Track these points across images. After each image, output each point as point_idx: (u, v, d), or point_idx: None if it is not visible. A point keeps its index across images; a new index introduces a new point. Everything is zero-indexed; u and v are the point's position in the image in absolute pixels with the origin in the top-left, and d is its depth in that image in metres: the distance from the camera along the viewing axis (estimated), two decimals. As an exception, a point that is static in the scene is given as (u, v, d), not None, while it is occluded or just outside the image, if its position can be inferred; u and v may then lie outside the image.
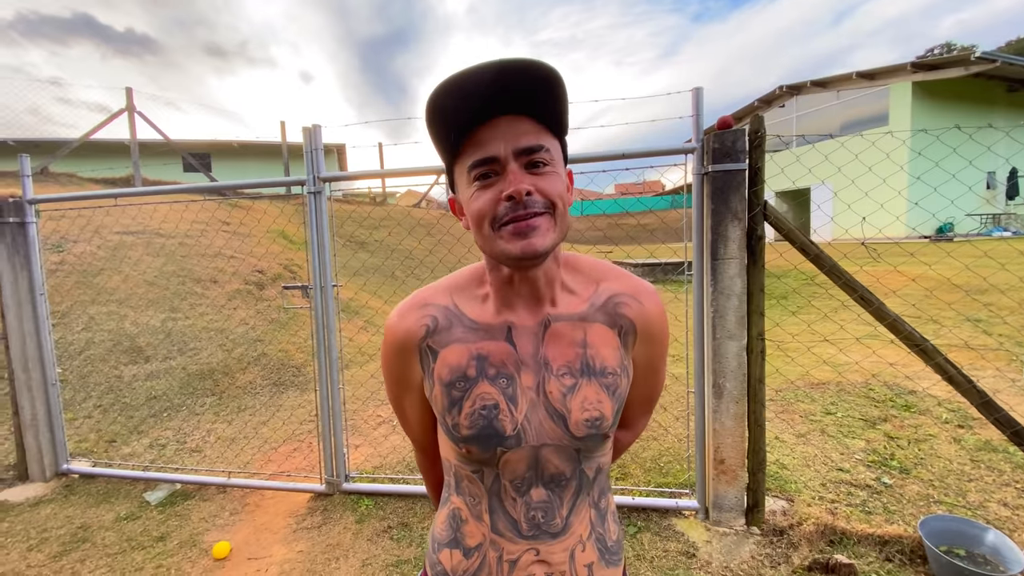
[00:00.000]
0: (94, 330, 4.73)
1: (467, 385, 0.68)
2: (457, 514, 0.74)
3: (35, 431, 3.05)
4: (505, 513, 0.70)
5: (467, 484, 0.72)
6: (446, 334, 0.70)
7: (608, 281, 0.74)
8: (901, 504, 2.34)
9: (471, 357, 0.68)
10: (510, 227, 0.60)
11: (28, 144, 13.53)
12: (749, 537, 2.24)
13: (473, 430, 0.67)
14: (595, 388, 0.68)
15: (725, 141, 2.18)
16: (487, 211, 0.61)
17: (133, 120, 8.47)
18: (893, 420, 3.22)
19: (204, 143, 17.27)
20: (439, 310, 0.71)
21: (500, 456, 0.68)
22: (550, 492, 0.69)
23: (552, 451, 0.68)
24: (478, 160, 0.61)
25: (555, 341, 0.69)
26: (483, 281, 0.72)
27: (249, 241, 7.04)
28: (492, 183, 0.61)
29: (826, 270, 2.15)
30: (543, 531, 0.69)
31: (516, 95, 0.59)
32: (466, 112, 0.59)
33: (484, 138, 0.61)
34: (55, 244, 5.62)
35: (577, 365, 0.68)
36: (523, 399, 0.68)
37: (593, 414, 0.68)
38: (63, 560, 2.32)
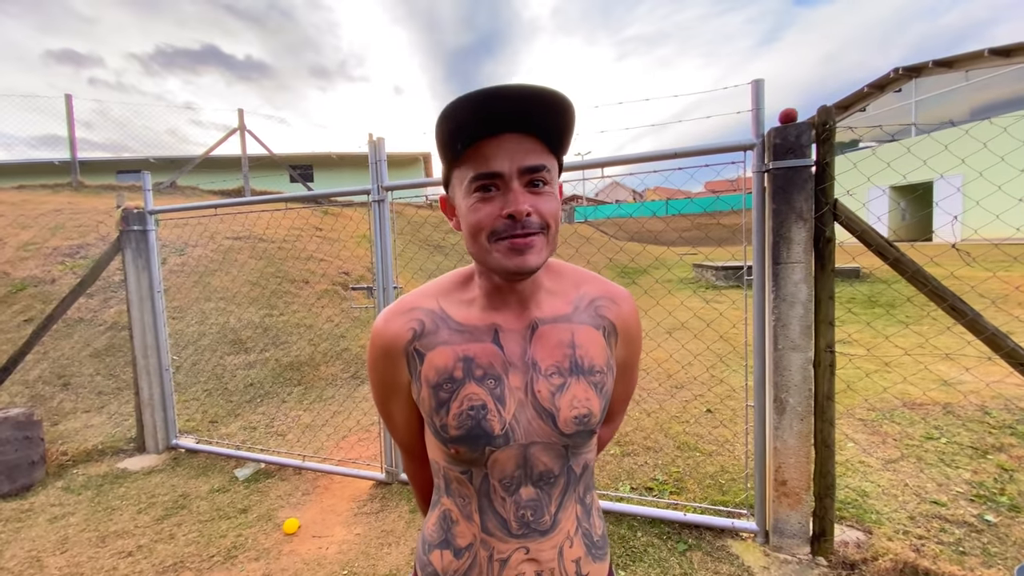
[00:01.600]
0: (205, 324, 5.37)
1: (454, 387, 0.70)
2: (448, 515, 0.76)
3: (151, 410, 3.54)
4: (495, 513, 0.71)
5: (456, 485, 0.74)
6: (432, 337, 0.72)
7: (587, 285, 0.77)
8: (1004, 546, 2.01)
9: (457, 359, 0.70)
10: (507, 243, 0.63)
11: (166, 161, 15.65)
12: (814, 567, 2.05)
13: (461, 430, 0.69)
14: (584, 386, 0.71)
15: (788, 136, 2.02)
16: (486, 225, 0.64)
17: (243, 138, 9.51)
18: (1010, 450, 2.77)
19: (306, 155, 18.94)
20: (425, 314, 0.73)
21: (489, 456, 0.69)
22: (539, 490, 0.71)
23: (541, 449, 0.70)
24: (482, 173, 0.63)
25: (542, 342, 0.71)
26: (469, 285, 0.75)
27: (337, 245, 7.61)
28: (492, 197, 0.64)
29: (908, 276, 1.92)
30: (532, 529, 0.71)
31: (523, 114, 0.62)
32: (476, 123, 0.62)
33: (489, 152, 0.63)
34: (178, 248, 6.45)
35: (566, 364, 0.71)
36: (511, 399, 0.70)
37: (582, 411, 0.70)
38: (164, 523, 2.66)
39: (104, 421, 3.93)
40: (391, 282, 2.84)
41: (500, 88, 0.58)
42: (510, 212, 0.62)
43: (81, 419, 3.93)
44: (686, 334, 4.73)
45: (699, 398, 3.98)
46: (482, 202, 0.64)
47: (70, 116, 9.07)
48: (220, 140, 9.67)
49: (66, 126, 9.14)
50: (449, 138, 0.64)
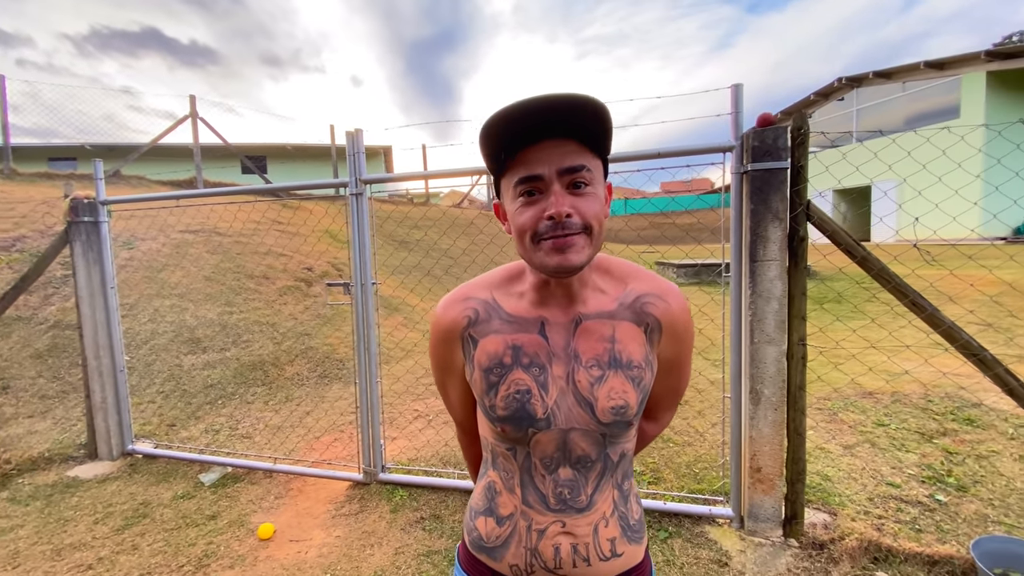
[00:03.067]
0: (158, 321, 5.08)
1: (503, 371, 0.75)
2: (492, 486, 0.82)
3: (104, 413, 3.32)
4: (535, 488, 0.77)
5: (502, 460, 0.80)
6: (485, 325, 0.78)
7: (636, 282, 0.80)
8: (955, 523, 2.19)
9: (507, 347, 0.76)
10: (549, 242, 0.67)
11: (103, 148, 14.65)
12: (786, 549, 2.16)
13: (508, 411, 0.75)
14: (621, 379, 0.75)
15: (766, 139, 2.11)
16: (529, 226, 0.68)
17: (196, 126, 9.03)
18: (953, 434, 3.01)
19: (260, 146, 18.17)
20: (480, 303, 0.80)
21: (531, 436, 0.75)
22: (576, 472, 0.76)
23: (580, 435, 0.75)
24: (524, 177, 0.67)
25: (585, 336, 0.76)
26: (520, 279, 0.80)
27: (299, 240, 7.36)
28: (536, 200, 0.68)
29: (874, 273, 2.05)
30: (569, 506, 0.76)
31: (562, 121, 0.65)
32: (515, 134, 0.66)
33: (530, 158, 0.67)
34: (126, 241, 6.07)
35: (606, 358, 0.75)
36: (553, 387, 0.75)
37: (619, 402, 0.74)
38: (125, 533, 2.51)
39: (50, 427, 3.66)
40: (369, 278, 2.78)
41: (531, 102, 0.62)
42: (550, 214, 0.66)
43: (24, 425, 3.65)
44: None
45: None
46: (526, 205, 0.68)
47: (2, 98, 8.33)
48: (171, 127, 9.13)
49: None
50: (492, 152, 0.69)
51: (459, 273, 7.51)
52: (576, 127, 0.66)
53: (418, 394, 4.35)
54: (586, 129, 0.67)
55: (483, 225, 10.89)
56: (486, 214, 14.53)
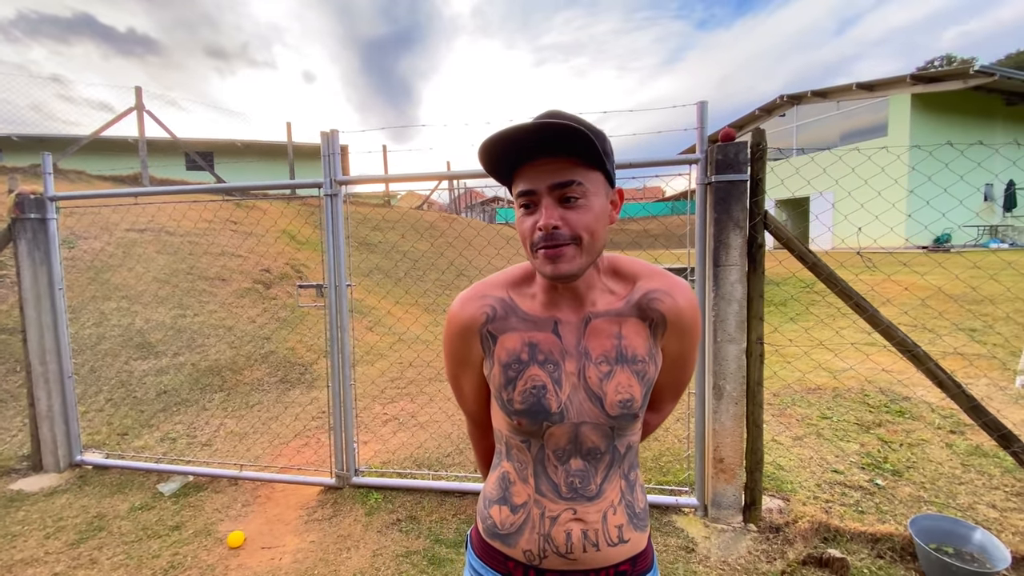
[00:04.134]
0: (105, 326, 4.81)
1: (520, 367, 0.80)
2: (506, 476, 0.86)
3: (50, 422, 3.13)
4: (548, 478, 0.81)
5: (516, 452, 0.84)
6: (503, 322, 0.83)
7: (645, 279, 0.83)
8: (893, 504, 2.42)
9: (524, 344, 0.81)
10: (543, 252, 0.73)
11: (33, 140, 13.62)
12: (746, 534, 2.32)
13: (524, 405, 0.79)
14: (627, 374, 0.80)
15: (728, 153, 2.27)
16: (526, 236, 0.75)
17: (142, 119, 8.56)
18: (887, 425, 3.31)
19: (207, 142, 17.36)
20: (497, 301, 0.84)
21: (546, 429, 0.80)
22: (586, 462, 0.81)
23: (590, 428, 0.80)
24: (521, 191, 0.74)
25: (595, 335, 0.81)
26: (532, 282, 0.85)
27: (254, 240, 7.12)
28: (531, 212, 0.74)
29: (823, 278, 2.24)
30: (580, 495, 0.80)
31: (555, 142, 0.71)
32: (513, 154, 0.73)
33: (525, 174, 0.74)
34: (66, 240, 5.69)
35: (613, 354, 0.80)
36: (567, 383, 0.80)
37: (625, 396, 0.79)
38: (80, 547, 2.39)
39: (-15, 438, 3.40)
40: (344, 280, 2.77)
41: (519, 129, 0.68)
42: (539, 226, 0.72)
43: (-45, 437, 3.37)
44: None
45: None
46: (524, 216, 0.75)
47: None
48: (115, 119, 8.60)
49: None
50: (495, 168, 0.76)
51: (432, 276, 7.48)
52: (566, 148, 0.71)
53: (389, 398, 4.33)
54: (576, 151, 0.71)
55: (444, 228, 10.88)
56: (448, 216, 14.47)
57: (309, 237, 8.52)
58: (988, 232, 13.27)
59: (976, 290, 4.13)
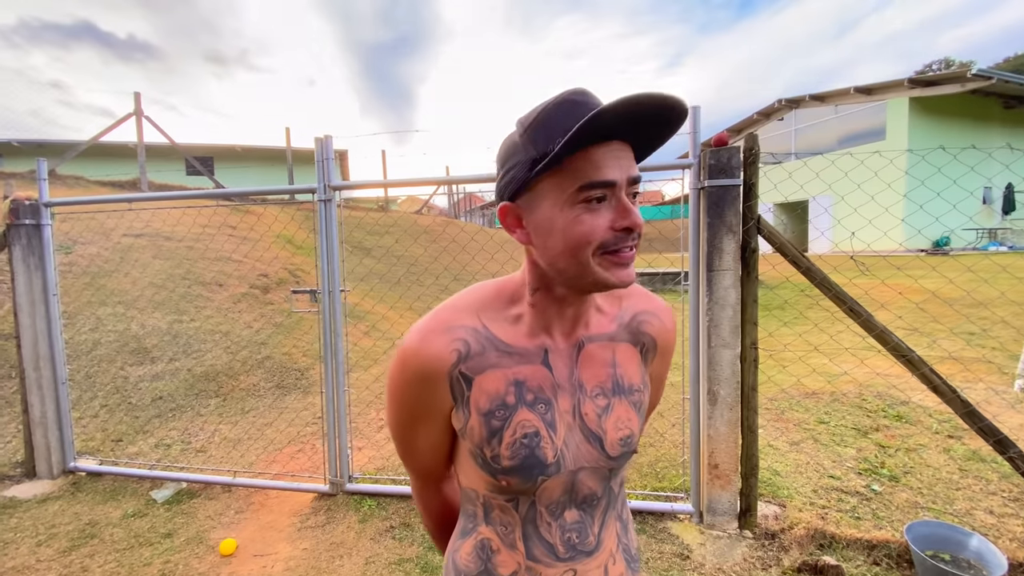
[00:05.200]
0: (101, 331, 4.80)
1: (507, 413, 0.65)
2: (487, 544, 0.71)
3: (44, 429, 3.12)
4: (540, 538, 0.69)
5: (499, 513, 0.70)
6: (480, 359, 0.66)
7: (630, 299, 0.75)
8: (890, 511, 2.41)
9: (509, 383, 0.66)
10: (614, 256, 0.59)
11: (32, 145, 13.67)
12: (742, 540, 2.31)
13: (515, 460, 0.65)
14: (625, 406, 0.70)
15: (721, 158, 2.27)
16: (595, 237, 0.58)
17: (141, 124, 8.59)
18: (884, 430, 3.29)
19: (206, 147, 17.42)
20: (469, 333, 0.66)
21: (540, 484, 0.66)
22: (582, 512, 0.70)
23: (588, 473, 0.69)
24: (596, 182, 0.57)
25: (588, 363, 0.69)
26: (514, 301, 0.69)
27: (250, 244, 7.12)
28: (599, 208, 0.58)
29: (816, 282, 2.24)
30: (579, 551, 0.69)
31: (647, 124, 0.58)
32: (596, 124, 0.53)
33: (600, 158, 0.57)
34: (63, 245, 5.70)
35: (609, 385, 0.70)
36: (561, 424, 0.67)
37: (625, 433, 0.69)
38: (72, 555, 2.38)
39: (-22, 445, 3.39)
40: (338, 285, 2.77)
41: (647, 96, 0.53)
42: (626, 225, 0.58)
43: (-52, 444, 3.36)
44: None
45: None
46: (589, 213, 0.58)
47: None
48: (113, 124, 8.63)
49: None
50: (548, 140, 0.57)
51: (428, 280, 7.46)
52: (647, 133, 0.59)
53: (384, 404, 4.31)
54: (654, 139, 0.61)
55: (441, 231, 10.88)
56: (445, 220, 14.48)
57: (306, 242, 8.51)
58: (987, 235, 13.27)
59: (971, 294, 4.13)
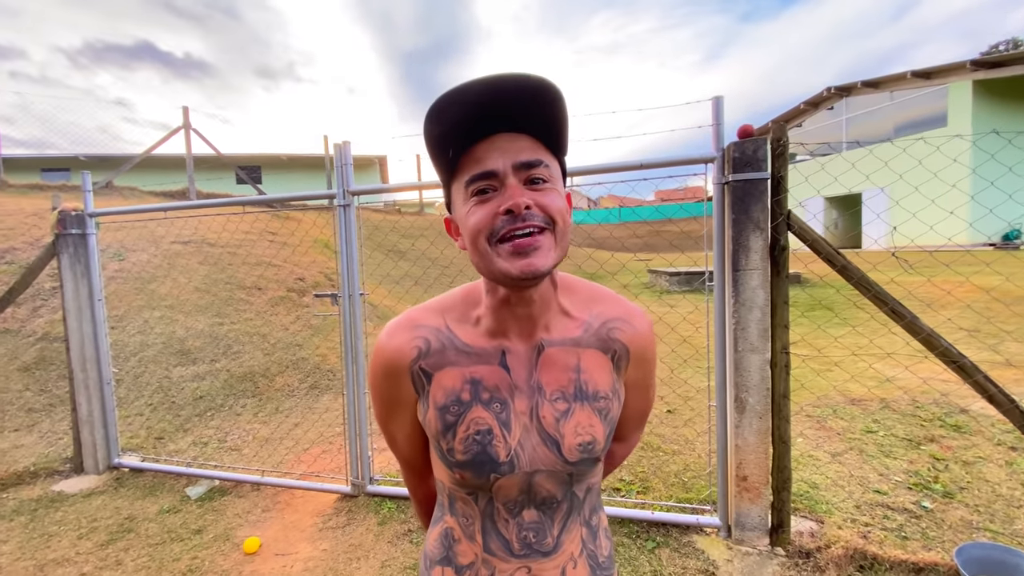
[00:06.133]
0: (148, 333, 5.06)
1: (461, 409, 0.67)
2: (450, 533, 0.75)
3: (90, 427, 3.29)
4: (498, 533, 0.71)
5: (461, 505, 0.73)
6: (439, 356, 0.69)
7: (602, 305, 0.74)
8: (941, 530, 2.20)
9: (465, 381, 0.68)
10: (508, 245, 0.58)
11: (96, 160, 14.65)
12: (773, 558, 2.16)
13: (467, 455, 0.67)
14: (588, 412, 0.69)
15: (746, 150, 2.14)
16: (484, 225, 0.59)
17: (188, 137, 9.05)
18: (940, 440, 3.03)
19: (255, 156, 18.22)
20: (431, 331, 0.70)
21: (493, 482, 0.68)
22: (541, 513, 0.71)
23: (545, 476, 0.69)
24: (477, 174, 0.60)
25: (549, 366, 0.69)
26: (476, 303, 0.71)
27: (289, 250, 7.35)
28: (490, 198, 0.60)
29: (854, 281, 2.07)
30: (535, 550, 0.70)
31: (514, 110, 0.58)
32: (464, 126, 0.58)
33: (482, 154, 0.60)
34: (116, 253, 6.05)
35: (571, 390, 0.69)
36: (516, 424, 0.68)
37: (586, 438, 0.68)
38: (109, 548, 2.49)
39: (36, 440, 3.62)
40: (357, 289, 2.79)
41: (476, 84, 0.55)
42: (507, 207, 0.58)
43: (9, 439, 3.61)
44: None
45: (662, 399, 4.11)
46: (479, 204, 0.60)
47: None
48: (164, 138, 9.15)
49: (-16, 120, 8.37)
50: (439, 147, 0.61)
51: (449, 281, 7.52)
52: (529, 119, 0.60)
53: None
54: (541, 122, 0.61)
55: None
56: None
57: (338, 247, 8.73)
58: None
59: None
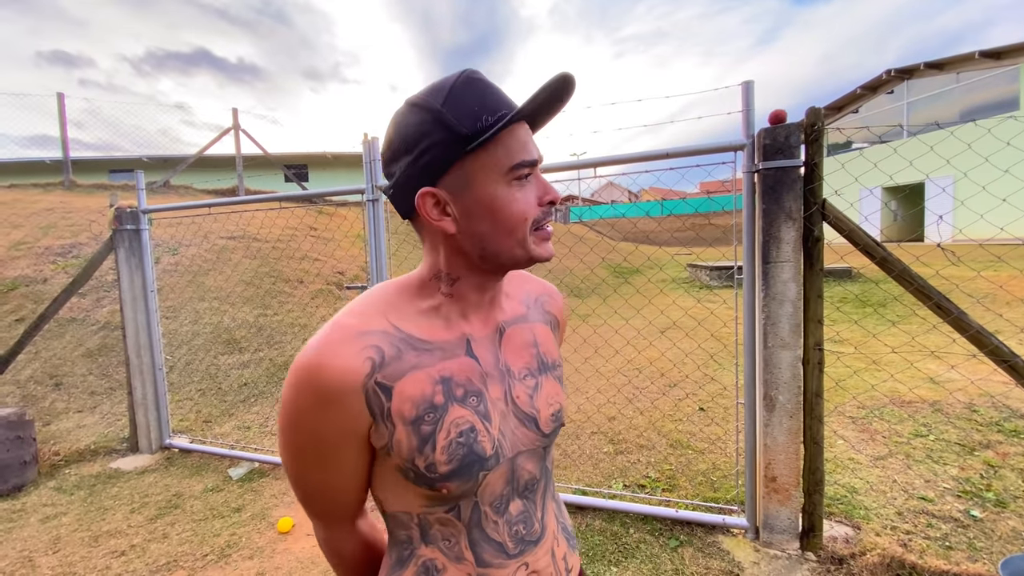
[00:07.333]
0: (199, 323, 5.36)
1: (437, 415, 0.60)
2: (431, 565, 0.65)
3: (144, 409, 3.53)
4: (489, 540, 0.65)
5: (439, 527, 0.64)
6: (398, 364, 0.59)
7: (528, 283, 0.79)
8: (990, 541, 2.05)
9: (435, 382, 0.61)
10: (541, 232, 0.62)
11: (159, 160, 15.57)
12: (803, 563, 2.08)
13: (453, 463, 0.60)
14: (551, 382, 0.71)
15: (777, 136, 2.05)
16: (531, 214, 0.60)
17: (238, 137, 9.49)
18: (997, 447, 2.82)
19: (302, 155, 18.89)
20: (380, 337, 0.59)
21: (481, 480, 0.62)
22: (525, 500, 0.68)
23: (525, 457, 0.68)
24: (528, 161, 0.59)
25: (511, 345, 0.69)
26: (425, 292, 0.64)
27: (331, 245, 7.60)
28: (525, 185, 0.60)
29: (895, 275, 1.95)
30: (527, 542, 0.67)
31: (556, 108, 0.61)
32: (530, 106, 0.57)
33: (524, 137, 0.60)
34: (171, 247, 6.43)
35: (534, 365, 0.70)
36: (495, 412, 0.65)
37: (556, 407, 0.70)
38: (157, 523, 2.66)
39: (97, 421, 3.91)
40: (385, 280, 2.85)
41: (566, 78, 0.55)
42: (551, 199, 0.61)
43: (73, 419, 3.92)
44: (678, 332, 4.76)
45: (691, 396, 4.01)
46: (521, 191, 0.59)
47: (62, 114, 9.00)
48: (214, 139, 9.63)
49: (57, 125, 9.07)
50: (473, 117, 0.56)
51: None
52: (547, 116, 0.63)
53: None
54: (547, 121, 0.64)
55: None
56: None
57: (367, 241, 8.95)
58: None
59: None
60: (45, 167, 12.93)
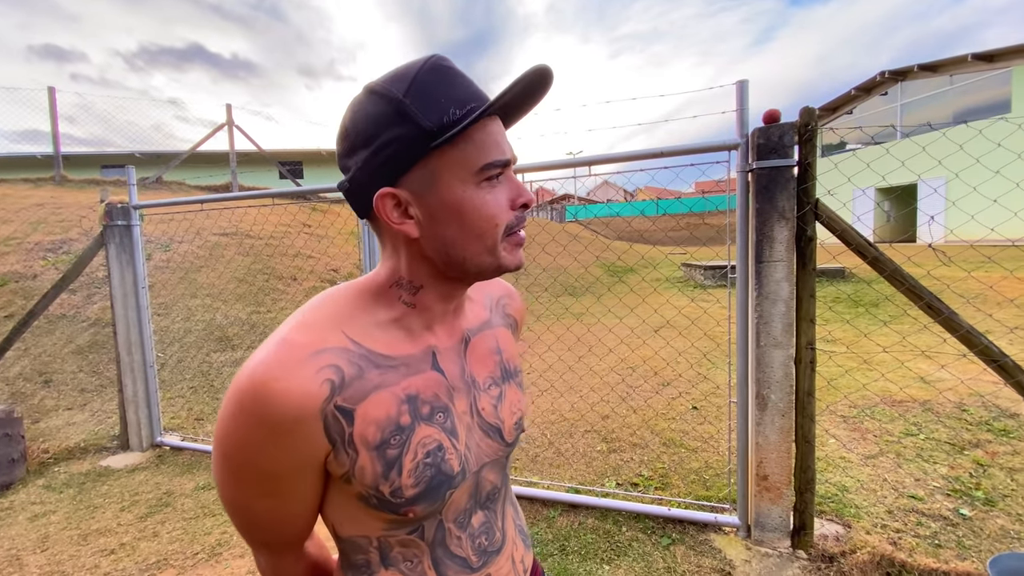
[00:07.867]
0: (191, 320, 5.32)
1: (404, 437, 0.55)
2: None
3: (135, 406, 3.50)
4: (452, 557, 0.62)
5: (400, 550, 0.60)
6: (359, 384, 0.53)
7: (488, 285, 0.76)
8: (979, 539, 2.07)
9: (400, 402, 0.55)
10: (513, 238, 0.56)
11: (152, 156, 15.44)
12: (794, 561, 2.09)
13: (421, 485, 0.55)
14: (514, 390, 0.69)
15: (771, 136, 2.05)
16: (503, 219, 0.55)
17: (232, 133, 9.42)
18: (986, 446, 2.84)
19: (297, 152, 18.79)
20: (338, 355, 0.53)
21: (447, 498, 0.59)
22: (487, 511, 0.66)
23: (489, 468, 0.65)
24: (500, 160, 0.54)
25: (475, 355, 0.66)
26: (381, 302, 0.58)
27: (325, 242, 7.57)
28: (496, 187, 0.55)
29: (886, 274, 1.96)
30: (490, 552, 0.65)
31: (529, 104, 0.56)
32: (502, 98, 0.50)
33: (497, 133, 0.54)
34: (164, 244, 6.38)
35: (498, 373, 0.68)
36: (461, 427, 0.61)
37: (518, 416, 0.69)
38: (147, 521, 2.64)
39: (87, 418, 3.88)
40: (379, 279, 2.84)
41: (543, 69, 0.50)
42: (524, 201, 0.56)
43: (63, 416, 3.88)
44: (672, 331, 4.77)
45: (684, 395, 4.03)
46: (491, 193, 0.54)
47: (53, 109, 8.91)
48: (208, 135, 9.57)
49: (48, 120, 8.98)
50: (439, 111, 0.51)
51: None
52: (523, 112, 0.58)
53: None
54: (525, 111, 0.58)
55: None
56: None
57: (361, 237, 8.93)
58: None
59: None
60: (36, 162, 12.80)
